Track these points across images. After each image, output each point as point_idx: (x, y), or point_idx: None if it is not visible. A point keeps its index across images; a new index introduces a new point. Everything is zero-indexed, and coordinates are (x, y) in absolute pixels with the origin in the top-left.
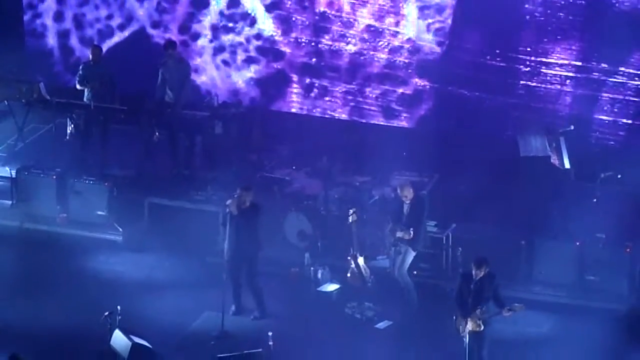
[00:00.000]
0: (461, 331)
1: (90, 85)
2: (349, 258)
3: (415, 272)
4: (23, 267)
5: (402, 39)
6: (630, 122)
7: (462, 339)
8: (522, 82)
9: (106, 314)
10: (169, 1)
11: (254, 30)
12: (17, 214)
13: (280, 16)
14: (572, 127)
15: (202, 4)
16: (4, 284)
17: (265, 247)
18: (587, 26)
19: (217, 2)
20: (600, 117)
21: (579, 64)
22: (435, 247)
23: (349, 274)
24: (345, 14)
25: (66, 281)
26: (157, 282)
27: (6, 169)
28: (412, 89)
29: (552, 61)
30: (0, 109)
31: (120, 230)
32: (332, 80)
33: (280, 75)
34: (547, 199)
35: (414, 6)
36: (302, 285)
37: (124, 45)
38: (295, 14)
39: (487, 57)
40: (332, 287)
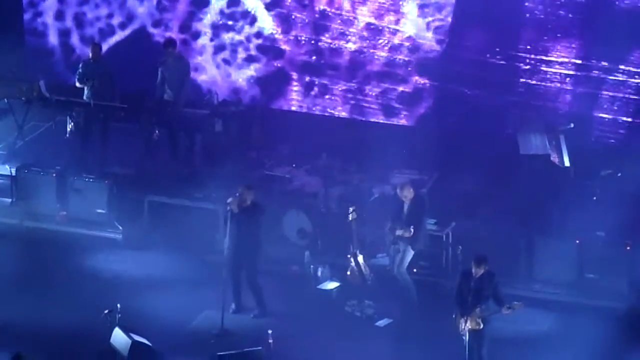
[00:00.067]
0: (461, 329)
1: (89, 83)
2: (348, 256)
3: (415, 270)
4: (23, 265)
5: (402, 37)
6: (630, 120)
7: (462, 337)
8: (522, 80)
9: (106, 312)
10: (169, 0)
11: (254, 28)
12: (17, 212)
13: (280, 14)
14: (572, 125)
15: (203, 2)
16: (3, 282)
17: (265, 245)
18: (587, 24)
19: (218, 1)
20: (600, 115)
21: (579, 62)
22: (435, 245)
23: (348, 272)
24: (345, 12)
25: (66, 279)
26: (157, 280)
27: (6, 167)
28: (412, 87)
29: (552, 59)
30: (0, 107)
31: (120, 228)
32: (332, 78)
33: (280, 73)
34: (547, 197)
35: (413, 4)
36: (302, 283)
37: (125, 44)
38: (295, 12)
39: (487, 55)
40: (332, 285)
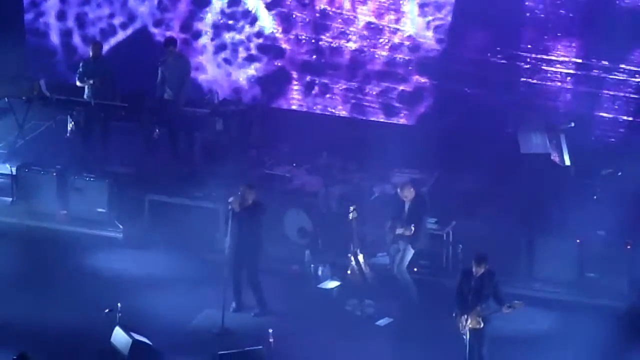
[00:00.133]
0: (461, 328)
1: (90, 82)
2: (349, 255)
3: (415, 269)
4: (23, 265)
5: (403, 36)
6: (630, 119)
7: (462, 336)
8: (523, 79)
9: (106, 311)
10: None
11: (254, 28)
12: (18, 211)
13: (281, 14)
14: (572, 124)
15: (203, 2)
16: (4, 281)
17: (265, 244)
18: (588, 23)
19: (219, 0)
20: (601, 114)
21: (580, 61)
22: (435, 244)
23: (349, 271)
24: (345, 11)
25: (66, 278)
26: (157, 279)
27: (6, 166)
28: (413, 86)
29: (553, 58)
30: (0, 106)
31: (121, 227)
32: (333, 77)
33: (281, 72)
34: (547, 196)
35: (414, 3)
36: (303, 282)
37: (126, 43)
38: (296, 12)
39: (487, 54)
40: (333, 284)
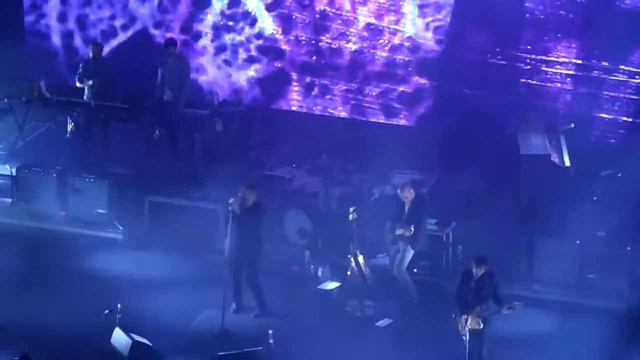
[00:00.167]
0: (461, 329)
1: (90, 83)
2: (349, 256)
3: (415, 270)
4: (23, 266)
5: (402, 37)
6: (630, 120)
7: (462, 337)
8: (523, 80)
9: (106, 312)
10: (170, 1)
11: (254, 29)
12: (17, 212)
13: (280, 15)
14: (572, 125)
15: (203, 3)
16: (4, 282)
17: (265, 245)
18: (588, 24)
19: (219, 1)
20: (601, 115)
21: (580, 62)
22: (435, 245)
23: (349, 272)
24: (345, 12)
25: (66, 279)
26: (157, 280)
27: (6, 167)
28: (413, 87)
29: (553, 59)
30: (0, 107)
31: (121, 228)
32: (333, 78)
33: (280, 73)
34: (547, 197)
35: (413, 4)
36: (302, 283)
37: (126, 45)
38: (296, 13)
39: (487, 55)
40: (332, 285)
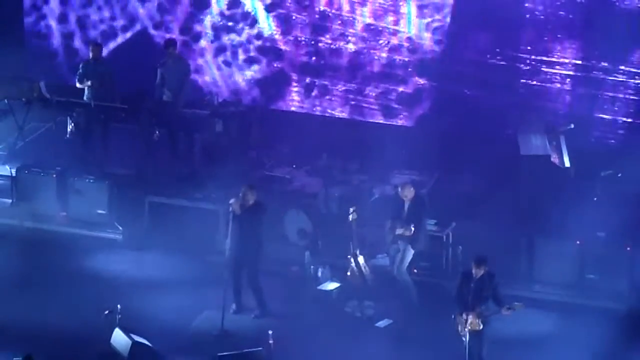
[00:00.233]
0: (461, 330)
1: (90, 83)
2: (349, 257)
3: (415, 271)
4: (23, 266)
5: (402, 37)
6: (630, 120)
7: (461, 337)
8: (523, 81)
9: (106, 312)
10: (170, 2)
11: (254, 30)
12: (17, 212)
13: (280, 15)
14: (572, 126)
15: (203, 4)
16: (4, 282)
17: (265, 246)
18: (588, 25)
19: (218, 2)
20: (601, 115)
21: (579, 62)
22: (435, 245)
23: (349, 273)
24: (344, 12)
25: (66, 280)
26: (157, 281)
27: (6, 167)
28: (412, 87)
29: (553, 60)
30: (0, 108)
31: (121, 228)
32: (332, 79)
33: (280, 74)
34: (547, 198)
35: (413, 5)
36: (302, 283)
37: (126, 45)
38: (295, 13)
39: (487, 55)
40: (332, 285)
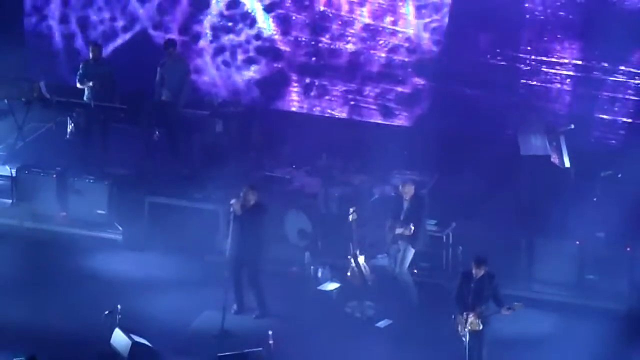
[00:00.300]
0: (460, 330)
1: (90, 84)
2: (349, 257)
3: (415, 271)
4: (23, 266)
5: (401, 38)
6: (630, 121)
7: (461, 338)
8: (523, 81)
9: (106, 312)
10: (169, 2)
11: (253, 30)
12: (17, 212)
13: (279, 15)
14: (572, 126)
15: (203, 4)
16: (3, 283)
17: (266, 246)
18: (588, 25)
19: (218, 3)
20: (601, 115)
21: (580, 62)
22: (435, 246)
23: (349, 273)
24: (344, 12)
25: (66, 280)
26: (157, 281)
27: (6, 167)
28: (412, 87)
29: (553, 60)
30: (0, 108)
31: (120, 229)
32: (332, 79)
33: (280, 74)
34: (547, 198)
35: (412, 5)
36: (302, 284)
37: (126, 46)
38: (295, 14)
39: (487, 55)
40: (332, 286)
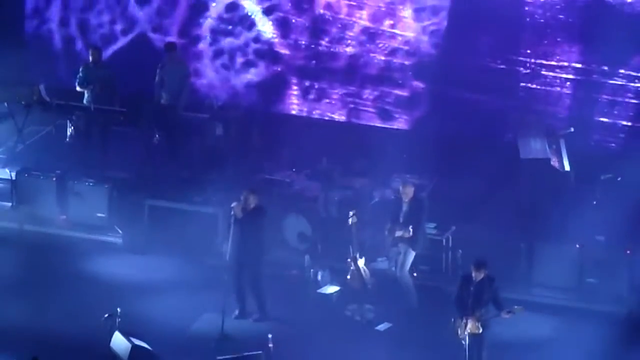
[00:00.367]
0: (460, 333)
1: (90, 87)
2: (349, 260)
3: (415, 274)
4: (23, 269)
5: (400, 40)
6: (630, 124)
7: (461, 341)
8: (522, 84)
9: (106, 315)
10: (169, 5)
11: (252, 33)
12: (17, 216)
13: (279, 18)
14: (572, 129)
15: (202, 8)
16: (3, 286)
17: (266, 249)
18: (587, 28)
19: (217, 6)
20: (600, 119)
21: (579, 66)
22: (435, 249)
23: (349, 276)
24: (343, 15)
25: (66, 283)
26: (157, 284)
27: (6, 170)
28: (412, 91)
29: (552, 63)
30: (0, 111)
31: (120, 232)
32: (331, 82)
33: (279, 77)
34: (547, 201)
35: (410, 8)
36: (302, 287)
37: (125, 49)
38: (294, 17)
39: (487, 59)
40: (332, 289)
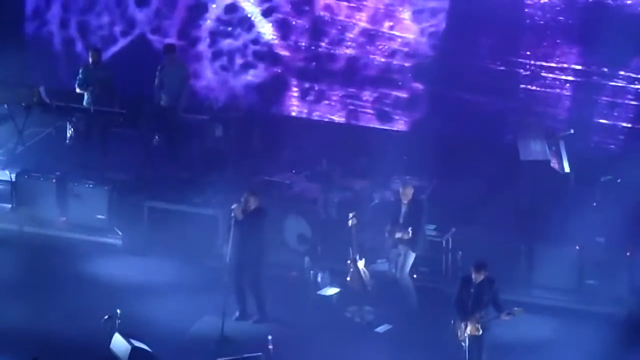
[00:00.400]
0: (460, 335)
1: (90, 88)
2: (348, 262)
3: (415, 276)
4: (23, 271)
5: (400, 42)
6: (629, 125)
7: (461, 343)
8: (522, 86)
9: (106, 317)
10: (168, 7)
11: (252, 35)
12: (17, 217)
13: (278, 20)
14: (571, 131)
15: (201, 9)
16: (4, 287)
17: (267, 251)
18: (587, 30)
19: (216, 7)
20: (600, 120)
21: (579, 67)
22: (435, 251)
23: (348, 278)
24: (343, 17)
25: (66, 285)
26: (156, 286)
27: (6, 172)
28: (411, 92)
29: (552, 65)
30: (0, 113)
31: (120, 233)
32: (330, 84)
33: (279, 79)
34: (546, 203)
35: (409, 10)
36: (302, 289)
37: (125, 50)
38: (294, 18)
39: (486, 60)
40: (332, 290)
